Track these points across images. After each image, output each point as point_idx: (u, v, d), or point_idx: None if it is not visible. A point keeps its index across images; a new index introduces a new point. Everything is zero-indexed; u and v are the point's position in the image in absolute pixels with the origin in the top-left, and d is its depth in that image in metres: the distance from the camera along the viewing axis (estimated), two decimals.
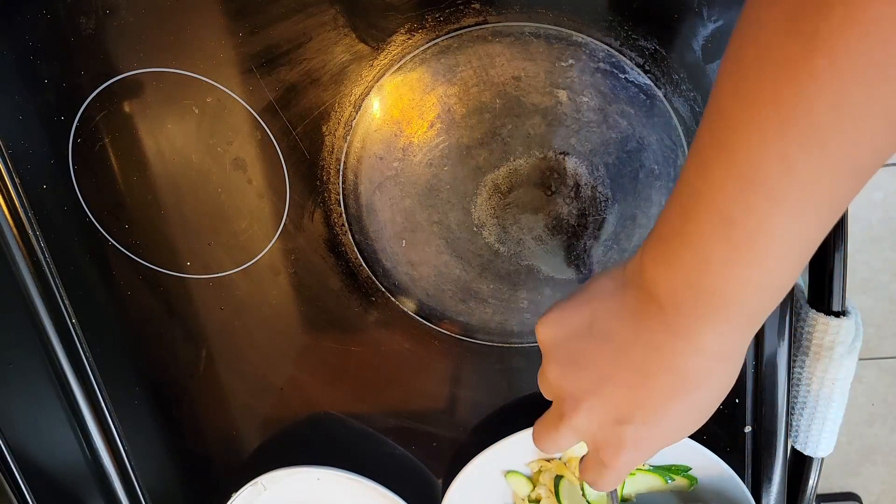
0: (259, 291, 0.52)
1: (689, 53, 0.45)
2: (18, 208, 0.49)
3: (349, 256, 0.51)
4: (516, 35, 0.45)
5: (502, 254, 0.50)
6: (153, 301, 0.53)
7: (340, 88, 0.47)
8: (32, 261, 0.50)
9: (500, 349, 0.54)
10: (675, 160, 0.48)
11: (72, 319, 0.53)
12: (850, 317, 0.52)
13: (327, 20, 0.45)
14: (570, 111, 0.46)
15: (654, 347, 0.33)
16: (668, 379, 0.34)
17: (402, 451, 0.58)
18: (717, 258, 0.29)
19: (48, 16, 0.45)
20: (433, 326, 0.53)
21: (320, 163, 0.48)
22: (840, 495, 1.30)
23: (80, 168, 0.49)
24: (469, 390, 0.56)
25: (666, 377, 0.34)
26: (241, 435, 0.58)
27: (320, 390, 0.56)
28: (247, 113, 0.47)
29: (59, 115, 0.47)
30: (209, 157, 0.48)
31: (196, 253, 0.51)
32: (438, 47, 0.45)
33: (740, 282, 0.29)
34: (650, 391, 0.34)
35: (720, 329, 0.32)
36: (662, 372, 0.34)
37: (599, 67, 0.45)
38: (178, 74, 0.46)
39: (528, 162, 0.47)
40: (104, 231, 0.51)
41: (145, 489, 0.59)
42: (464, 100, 0.46)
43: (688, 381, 0.34)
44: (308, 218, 0.50)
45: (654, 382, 0.34)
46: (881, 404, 1.26)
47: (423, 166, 0.48)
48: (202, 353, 0.55)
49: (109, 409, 0.56)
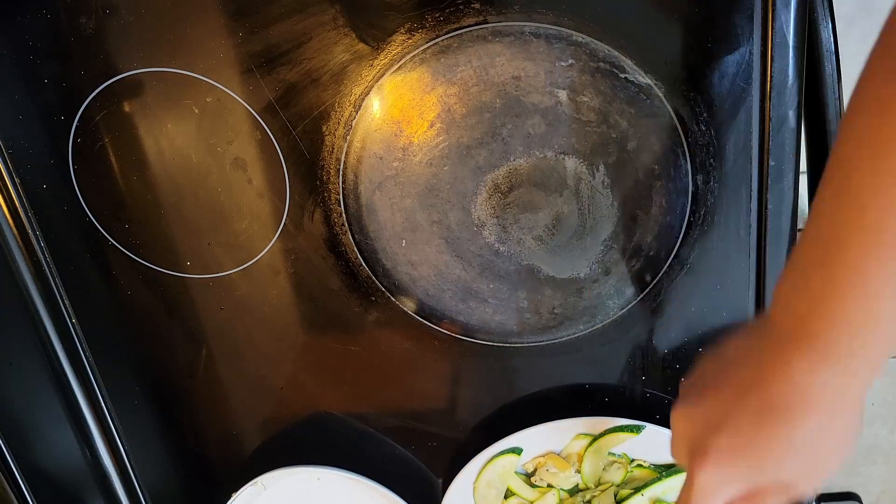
0: (259, 291, 0.52)
1: (689, 53, 0.45)
2: (18, 208, 0.49)
3: (349, 256, 0.51)
4: (516, 35, 0.45)
5: (502, 253, 0.50)
6: (153, 301, 0.53)
7: (340, 88, 0.47)
8: (32, 261, 0.50)
9: (500, 349, 0.54)
10: (675, 160, 0.48)
11: (72, 319, 0.53)
12: None
13: (327, 20, 0.45)
14: (570, 111, 0.46)
15: (756, 366, 0.35)
16: (757, 398, 0.34)
17: (402, 451, 0.58)
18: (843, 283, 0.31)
19: (48, 16, 0.45)
20: (433, 326, 0.53)
21: (320, 162, 0.48)
22: (840, 495, 1.29)
23: (80, 168, 0.49)
24: (469, 390, 0.56)
25: (756, 396, 0.34)
26: (241, 435, 0.58)
27: (320, 390, 0.56)
28: (247, 113, 0.47)
29: (59, 115, 0.47)
30: (209, 157, 0.48)
31: (196, 253, 0.51)
32: (438, 47, 0.45)
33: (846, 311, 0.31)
34: (741, 411, 0.35)
35: (814, 358, 0.32)
36: (754, 390, 0.34)
37: (599, 67, 0.45)
38: (178, 74, 0.46)
39: (528, 162, 0.47)
40: (104, 231, 0.51)
41: (145, 489, 0.59)
42: (464, 99, 0.46)
43: (777, 405, 0.34)
44: (308, 218, 0.50)
45: (745, 403, 0.35)
46: (881, 404, 1.26)
47: (423, 166, 0.48)
48: (202, 353, 0.55)
49: (109, 409, 0.56)
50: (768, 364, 0.34)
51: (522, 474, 0.58)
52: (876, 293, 0.30)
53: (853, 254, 0.30)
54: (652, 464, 0.57)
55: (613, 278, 0.51)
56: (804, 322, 0.33)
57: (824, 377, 0.32)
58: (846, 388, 0.33)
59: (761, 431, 0.34)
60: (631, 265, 0.51)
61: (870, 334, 0.31)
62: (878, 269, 0.29)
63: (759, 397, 0.34)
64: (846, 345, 0.32)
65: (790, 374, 0.33)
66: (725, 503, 0.36)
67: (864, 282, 0.30)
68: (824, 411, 0.33)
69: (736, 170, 0.48)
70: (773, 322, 0.35)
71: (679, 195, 0.48)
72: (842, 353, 0.32)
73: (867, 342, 0.31)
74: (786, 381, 0.33)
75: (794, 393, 0.33)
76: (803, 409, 0.33)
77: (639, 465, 0.57)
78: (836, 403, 0.33)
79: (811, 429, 0.34)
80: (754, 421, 0.34)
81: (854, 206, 0.29)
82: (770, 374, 0.34)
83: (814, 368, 0.33)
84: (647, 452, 0.56)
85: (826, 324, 0.32)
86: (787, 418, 0.34)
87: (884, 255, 0.29)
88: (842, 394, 0.33)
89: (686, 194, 0.48)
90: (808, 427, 0.34)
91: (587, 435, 0.56)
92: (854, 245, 0.30)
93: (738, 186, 0.48)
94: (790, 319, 0.33)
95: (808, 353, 0.32)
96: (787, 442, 0.34)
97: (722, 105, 0.46)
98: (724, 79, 0.46)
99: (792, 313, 0.33)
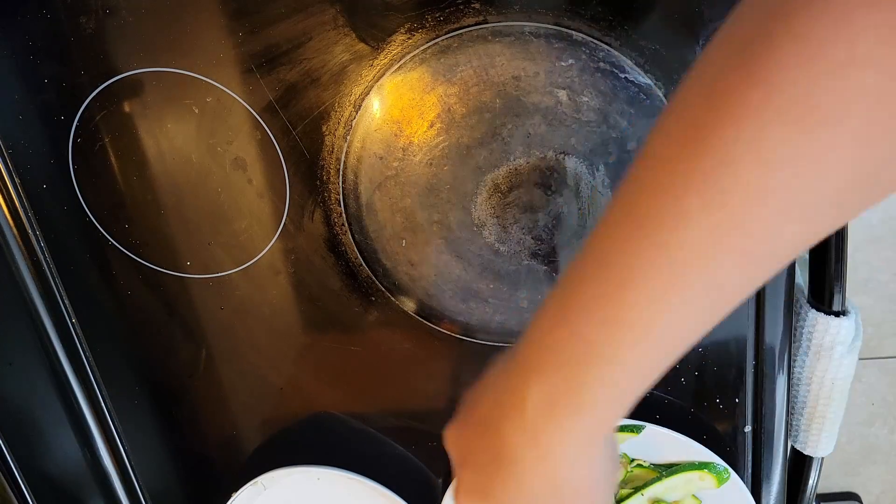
0: (259, 291, 0.52)
1: (689, 53, 0.45)
2: (18, 208, 0.49)
3: (349, 256, 0.51)
4: (516, 35, 0.45)
5: (502, 253, 0.50)
6: (153, 301, 0.53)
7: (340, 88, 0.47)
8: (32, 261, 0.50)
9: (501, 349, 0.54)
10: None
11: (72, 319, 0.53)
12: (849, 316, 0.52)
13: (327, 20, 0.45)
14: (570, 111, 0.46)
15: (496, 399, 0.31)
16: (493, 438, 0.31)
17: (402, 451, 0.58)
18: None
19: (48, 16, 0.45)
20: (433, 326, 0.53)
21: (320, 162, 0.48)
22: (840, 495, 1.29)
23: (80, 168, 0.49)
24: None
25: (492, 435, 0.31)
26: (241, 435, 0.58)
27: (320, 390, 0.56)
28: (247, 113, 0.47)
29: (59, 115, 0.47)
30: (209, 157, 0.48)
31: (196, 253, 0.51)
32: (438, 47, 0.45)
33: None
34: (481, 449, 0.32)
35: (546, 389, 0.29)
36: (492, 427, 0.31)
37: (599, 67, 0.45)
38: (178, 74, 0.46)
39: (528, 162, 0.47)
40: (104, 231, 0.51)
41: (145, 489, 0.59)
42: (464, 99, 0.46)
43: (509, 451, 0.31)
44: (308, 218, 0.50)
45: (483, 441, 0.32)
46: (881, 404, 1.26)
47: (423, 166, 0.48)
48: (202, 353, 0.55)
49: (109, 409, 0.56)
50: (506, 396, 0.30)
51: None
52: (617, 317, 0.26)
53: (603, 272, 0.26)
54: (652, 463, 0.57)
55: None
56: (543, 347, 0.29)
57: (559, 419, 0.29)
58: (586, 431, 0.29)
59: (496, 477, 0.31)
60: None
61: (607, 364, 0.27)
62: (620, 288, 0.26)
63: (494, 437, 0.31)
64: (578, 374, 0.28)
65: (524, 413, 0.29)
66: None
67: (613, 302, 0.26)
68: (559, 459, 0.30)
69: None
70: (523, 342, 0.30)
71: None
72: (576, 386, 0.28)
73: (604, 373, 0.27)
74: (519, 421, 0.29)
75: (524, 435, 0.30)
76: (534, 455, 0.30)
77: (638, 465, 0.57)
78: (573, 449, 0.29)
79: (545, 479, 0.30)
80: (490, 463, 0.31)
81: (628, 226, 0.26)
82: (507, 410, 0.30)
83: (547, 406, 0.29)
84: (646, 452, 0.56)
85: (559, 348, 0.28)
86: (518, 468, 0.30)
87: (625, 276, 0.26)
88: (581, 438, 0.29)
89: None
90: (541, 478, 0.30)
91: None
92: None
93: None
94: (533, 344, 0.30)
95: (542, 387, 0.29)
96: (519, 492, 0.31)
97: None
98: None
99: (537, 335, 0.29)
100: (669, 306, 0.25)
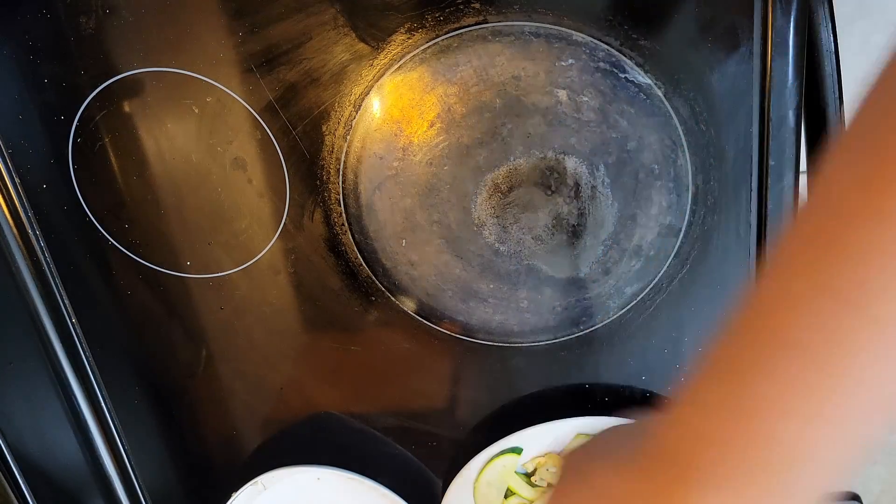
0: (259, 291, 0.52)
1: (689, 53, 0.45)
2: (18, 208, 0.49)
3: (349, 256, 0.51)
4: (516, 35, 0.45)
5: (502, 253, 0.50)
6: (153, 301, 0.53)
7: (340, 88, 0.47)
8: (32, 261, 0.50)
9: (501, 349, 0.54)
10: (675, 160, 0.48)
11: (72, 319, 0.53)
12: None
13: (327, 20, 0.45)
14: (570, 111, 0.46)
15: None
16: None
17: (402, 451, 0.58)
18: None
19: (48, 16, 0.45)
20: (433, 326, 0.53)
21: (320, 162, 0.48)
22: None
23: (80, 168, 0.49)
24: (469, 390, 0.56)
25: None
26: (241, 435, 0.58)
27: (320, 390, 0.56)
28: (247, 113, 0.47)
29: (59, 115, 0.47)
30: (209, 157, 0.48)
31: (196, 253, 0.51)
32: (438, 47, 0.46)
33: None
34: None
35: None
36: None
37: (599, 67, 0.45)
38: (178, 74, 0.46)
39: (528, 161, 0.47)
40: (104, 231, 0.51)
41: (145, 489, 0.59)
42: (464, 99, 0.46)
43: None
44: (308, 218, 0.50)
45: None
46: None
47: (423, 166, 0.48)
48: (202, 353, 0.55)
49: (109, 409, 0.56)
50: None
51: (522, 474, 0.58)
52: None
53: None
54: None
55: (613, 278, 0.51)
56: (707, 442, 0.23)
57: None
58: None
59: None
60: (631, 265, 0.51)
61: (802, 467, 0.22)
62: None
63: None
64: (779, 483, 0.22)
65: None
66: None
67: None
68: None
69: (736, 170, 0.48)
70: (660, 444, 0.25)
71: (679, 195, 0.48)
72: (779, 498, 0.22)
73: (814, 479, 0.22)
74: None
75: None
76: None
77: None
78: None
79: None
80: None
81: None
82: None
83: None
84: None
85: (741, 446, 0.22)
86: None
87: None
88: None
89: (686, 194, 0.48)
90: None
91: (587, 435, 0.56)
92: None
93: (738, 186, 0.48)
94: (687, 442, 0.24)
95: (720, 498, 0.23)
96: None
97: (722, 105, 0.46)
98: (724, 79, 0.46)
99: (694, 422, 0.24)
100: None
